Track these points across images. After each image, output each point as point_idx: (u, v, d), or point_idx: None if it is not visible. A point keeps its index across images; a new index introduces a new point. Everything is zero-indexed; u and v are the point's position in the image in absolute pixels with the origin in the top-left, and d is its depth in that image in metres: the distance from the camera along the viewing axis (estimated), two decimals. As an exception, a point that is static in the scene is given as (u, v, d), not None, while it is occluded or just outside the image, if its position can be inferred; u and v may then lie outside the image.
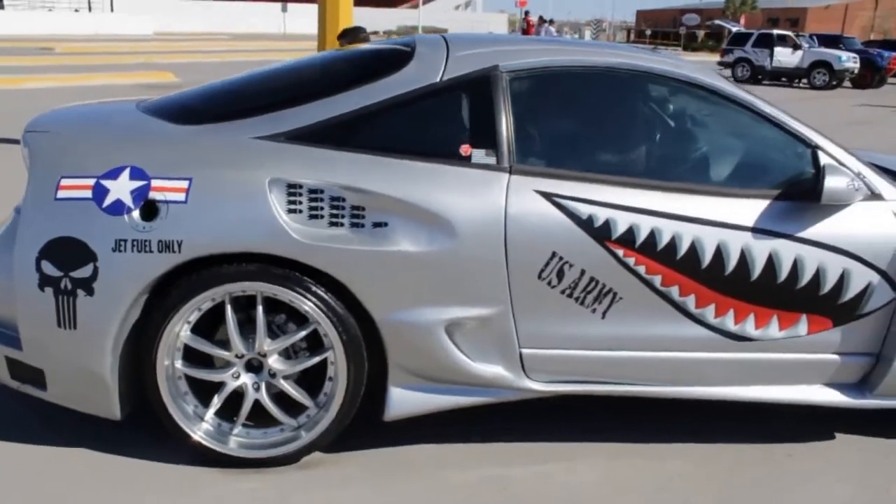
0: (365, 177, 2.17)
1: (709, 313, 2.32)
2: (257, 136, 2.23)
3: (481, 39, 2.45)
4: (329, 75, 2.46)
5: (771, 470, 2.42)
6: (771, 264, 2.30)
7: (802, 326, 2.39)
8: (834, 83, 19.82)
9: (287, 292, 2.18)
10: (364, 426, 2.40)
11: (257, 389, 2.28)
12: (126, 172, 2.15)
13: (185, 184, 2.14)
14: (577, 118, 2.46)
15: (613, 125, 2.47)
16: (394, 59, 2.39)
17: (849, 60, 19.65)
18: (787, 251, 2.30)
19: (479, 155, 2.23)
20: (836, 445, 2.59)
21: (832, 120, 12.22)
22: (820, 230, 2.32)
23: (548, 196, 2.21)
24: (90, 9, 36.35)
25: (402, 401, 2.31)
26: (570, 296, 2.25)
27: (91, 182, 2.14)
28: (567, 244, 2.21)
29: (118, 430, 2.37)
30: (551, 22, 20.68)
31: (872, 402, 2.48)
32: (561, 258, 2.21)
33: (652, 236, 2.23)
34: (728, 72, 20.82)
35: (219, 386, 2.28)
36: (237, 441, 2.32)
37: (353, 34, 5.36)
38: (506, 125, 2.26)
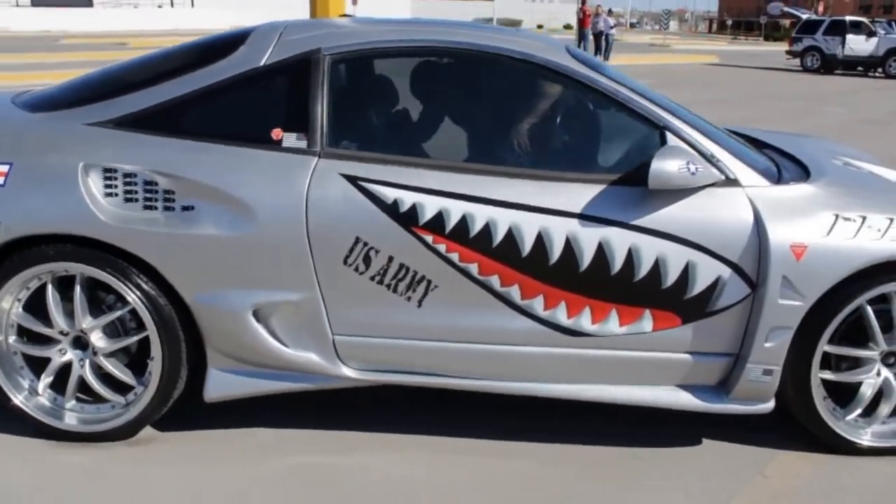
0: (175, 161, 2.18)
1: (537, 305, 2.19)
2: (89, 122, 2.27)
3: (319, 23, 2.40)
4: (168, 63, 2.45)
5: (619, 474, 2.26)
6: (602, 254, 2.14)
7: (647, 323, 2.22)
8: (913, 72, 18.35)
9: (101, 273, 2.21)
10: (212, 406, 2.40)
11: (83, 366, 2.33)
12: None
13: (5, 168, 2.21)
14: (396, 100, 2.37)
15: (433, 106, 2.37)
16: (227, 45, 2.36)
17: (931, 48, 18.13)
18: (619, 240, 2.14)
19: (290, 139, 2.19)
20: (700, 451, 2.40)
21: None
22: (659, 218, 2.15)
23: (353, 180, 2.14)
24: (172, 4, 38.18)
25: (221, 383, 2.30)
26: (380, 283, 2.17)
27: None
28: (371, 229, 2.13)
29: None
30: (609, 12, 20.06)
31: (728, 406, 2.29)
32: (366, 244, 2.14)
33: (464, 222, 2.12)
34: (797, 61, 19.68)
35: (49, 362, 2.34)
36: (74, 416, 2.38)
37: None
38: (321, 108, 2.20)
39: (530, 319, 2.21)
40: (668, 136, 2.20)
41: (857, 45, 18.70)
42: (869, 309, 2.27)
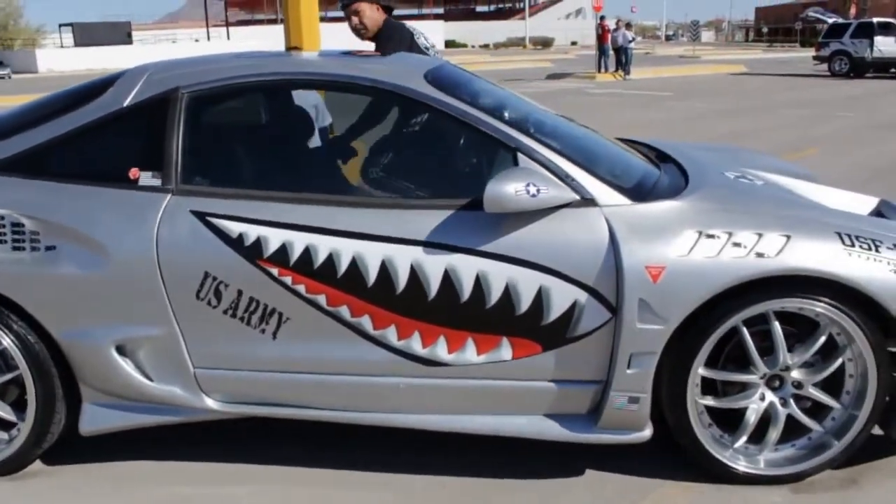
0: (39, 203, 2.24)
1: (391, 335, 2.17)
2: None
3: (184, 62, 2.44)
4: (47, 107, 2.51)
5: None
6: (449, 282, 2.11)
7: (506, 351, 2.17)
8: (947, 73, 17.58)
9: (-30, 314, 2.28)
10: (102, 440, 2.44)
11: (-36, 404, 2.40)
12: None
13: None
14: (247, 134, 2.39)
15: (285, 138, 2.37)
16: (98, 87, 2.42)
17: (965, 47, 17.37)
18: (466, 267, 2.10)
19: (146, 177, 2.23)
20: (579, 482, 2.31)
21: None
22: (506, 243, 2.10)
23: (201, 216, 2.16)
24: (209, 38, 39.39)
25: (95, 416, 2.34)
26: (233, 316, 2.18)
27: None
28: (218, 264, 2.14)
29: None
30: (628, 26, 19.90)
31: (598, 436, 2.21)
32: (215, 278, 2.15)
33: (307, 253, 2.12)
34: (824, 66, 19.11)
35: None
36: (-38, 453, 2.44)
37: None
38: (176, 146, 2.24)
39: (386, 350, 2.18)
40: (520, 157, 2.16)
41: (887, 46, 18.07)
42: (744, 330, 2.16)
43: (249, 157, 2.37)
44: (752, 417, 2.25)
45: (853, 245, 2.13)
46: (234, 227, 2.14)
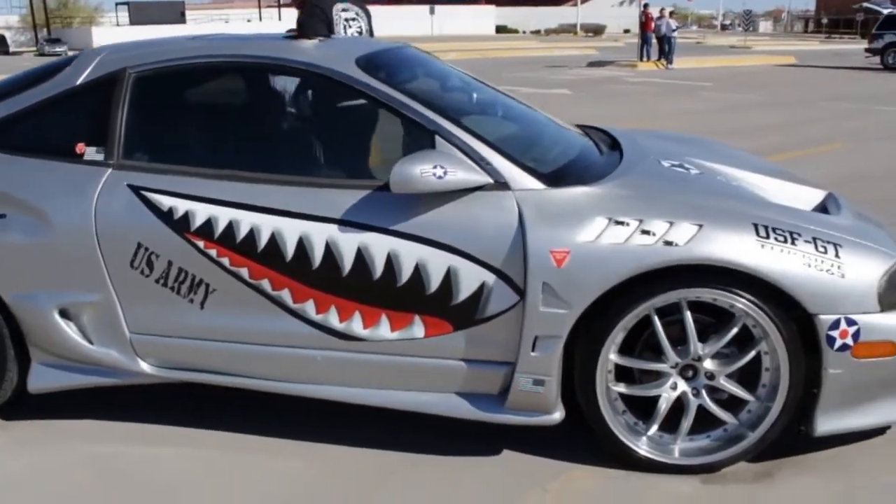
0: None
1: (309, 309, 2.26)
2: None
3: (137, 45, 2.57)
4: (11, 85, 2.65)
5: (395, 481, 2.26)
6: (361, 259, 2.18)
7: (418, 329, 2.24)
8: None
9: (-70, 276, 2.44)
10: (52, 398, 2.60)
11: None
12: None
13: None
14: (186, 112, 2.50)
15: (221, 117, 2.49)
16: (56, 67, 2.57)
17: None
18: (378, 245, 2.17)
19: (91, 152, 2.37)
20: (493, 461, 2.36)
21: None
22: (418, 223, 2.16)
23: (136, 189, 2.29)
24: (261, 18, 40.17)
25: (42, 375, 2.50)
26: (164, 285, 2.30)
27: None
28: (149, 236, 2.27)
29: None
30: (672, 14, 19.45)
31: (506, 417, 2.26)
32: (147, 249, 2.28)
33: (230, 228, 2.22)
34: (877, 59, 18.31)
35: None
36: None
37: None
38: (119, 123, 2.36)
39: (305, 323, 2.27)
40: (437, 140, 2.22)
41: (944, 39, 17.24)
42: (655, 319, 2.18)
43: (184, 134, 2.48)
44: (663, 406, 2.26)
45: (768, 237, 2.12)
46: (165, 201, 2.26)
